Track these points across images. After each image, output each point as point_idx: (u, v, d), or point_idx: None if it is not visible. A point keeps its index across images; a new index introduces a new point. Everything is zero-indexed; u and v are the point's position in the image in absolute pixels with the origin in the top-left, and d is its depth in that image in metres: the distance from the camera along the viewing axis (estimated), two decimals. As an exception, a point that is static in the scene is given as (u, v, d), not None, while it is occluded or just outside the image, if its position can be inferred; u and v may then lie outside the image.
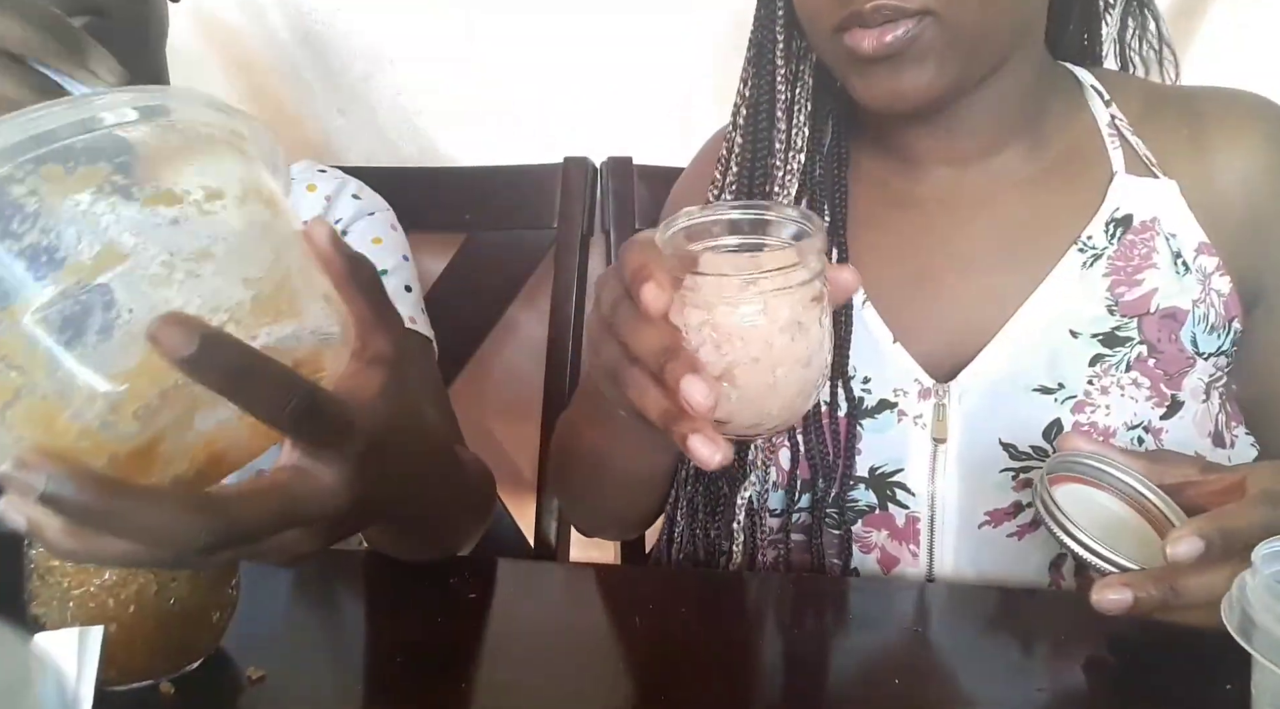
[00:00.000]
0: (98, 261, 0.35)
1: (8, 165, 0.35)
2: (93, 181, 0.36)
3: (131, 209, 0.36)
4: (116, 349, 0.35)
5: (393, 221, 0.96)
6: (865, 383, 0.76)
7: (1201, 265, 0.74)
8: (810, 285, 0.52)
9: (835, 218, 0.80)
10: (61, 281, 0.35)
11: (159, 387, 0.36)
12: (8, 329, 0.35)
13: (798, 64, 0.80)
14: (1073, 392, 0.72)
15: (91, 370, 0.35)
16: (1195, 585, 0.53)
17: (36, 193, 0.35)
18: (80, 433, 0.36)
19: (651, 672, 0.59)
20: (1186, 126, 0.76)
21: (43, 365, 0.35)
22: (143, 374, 0.35)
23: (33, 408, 0.35)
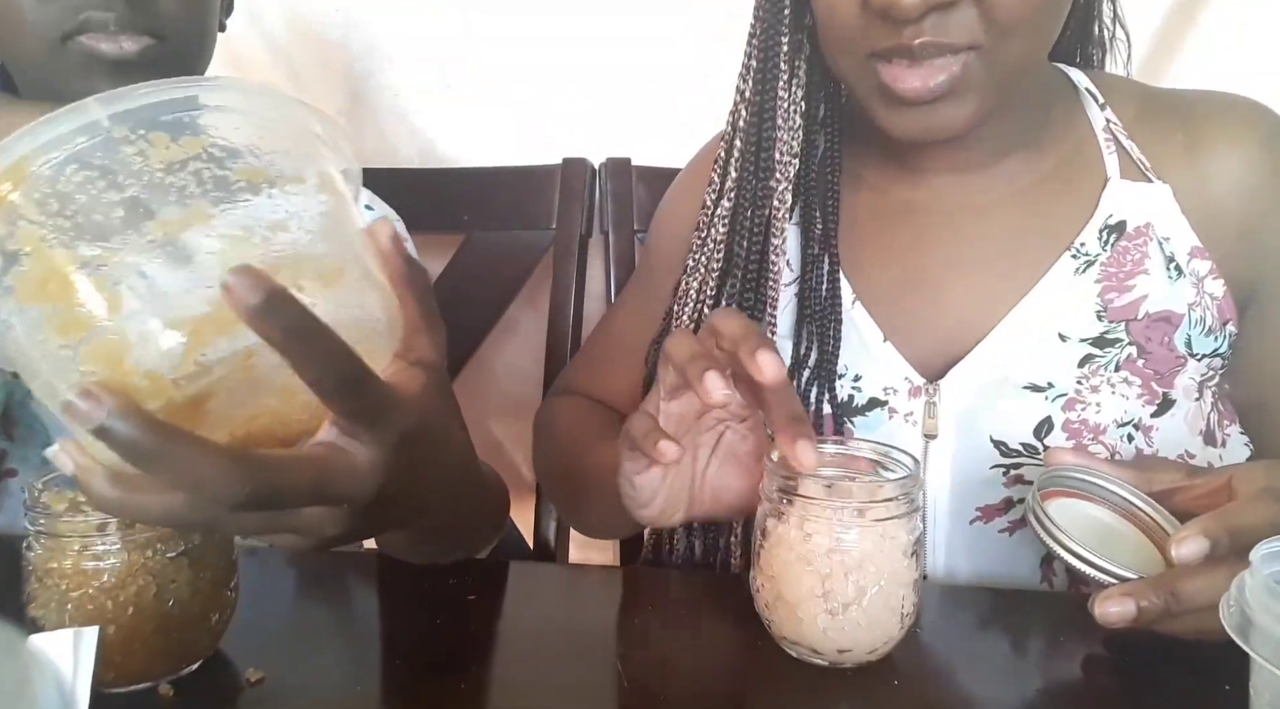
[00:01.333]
0: (185, 219, 0.39)
1: (123, 128, 0.39)
2: (193, 150, 0.40)
3: (222, 176, 0.41)
4: (189, 298, 0.39)
5: (402, 232, 0.96)
6: (856, 381, 0.77)
7: (1195, 269, 0.74)
8: (917, 514, 0.57)
9: (826, 225, 0.80)
10: (150, 233, 0.39)
11: (222, 337, 0.39)
12: (94, 271, 0.38)
13: (794, 64, 0.80)
14: (1063, 390, 0.73)
15: (162, 315, 0.39)
16: (1197, 588, 0.53)
17: (144, 154, 0.39)
18: (142, 375, 0.39)
19: (651, 672, 0.59)
20: (1180, 131, 0.76)
21: (120, 306, 0.38)
22: (208, 324, 0.39)
23: (102, 345, 0.38)
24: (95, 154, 0.39)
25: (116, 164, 0.39)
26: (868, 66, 0.68)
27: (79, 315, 0.39)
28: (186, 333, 0.39)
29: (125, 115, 0.39)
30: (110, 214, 0.39)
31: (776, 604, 0.57)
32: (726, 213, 0.80)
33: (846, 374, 0.77)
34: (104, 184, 0.39)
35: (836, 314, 0.77)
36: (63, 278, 0.39)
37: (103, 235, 0.39)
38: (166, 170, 0.40)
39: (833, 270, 0.79)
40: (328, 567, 0.74)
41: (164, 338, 0.39)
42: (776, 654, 0.59)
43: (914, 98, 0.66)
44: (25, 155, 0.38)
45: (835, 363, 0.77)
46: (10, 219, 0.39)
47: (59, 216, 0.39)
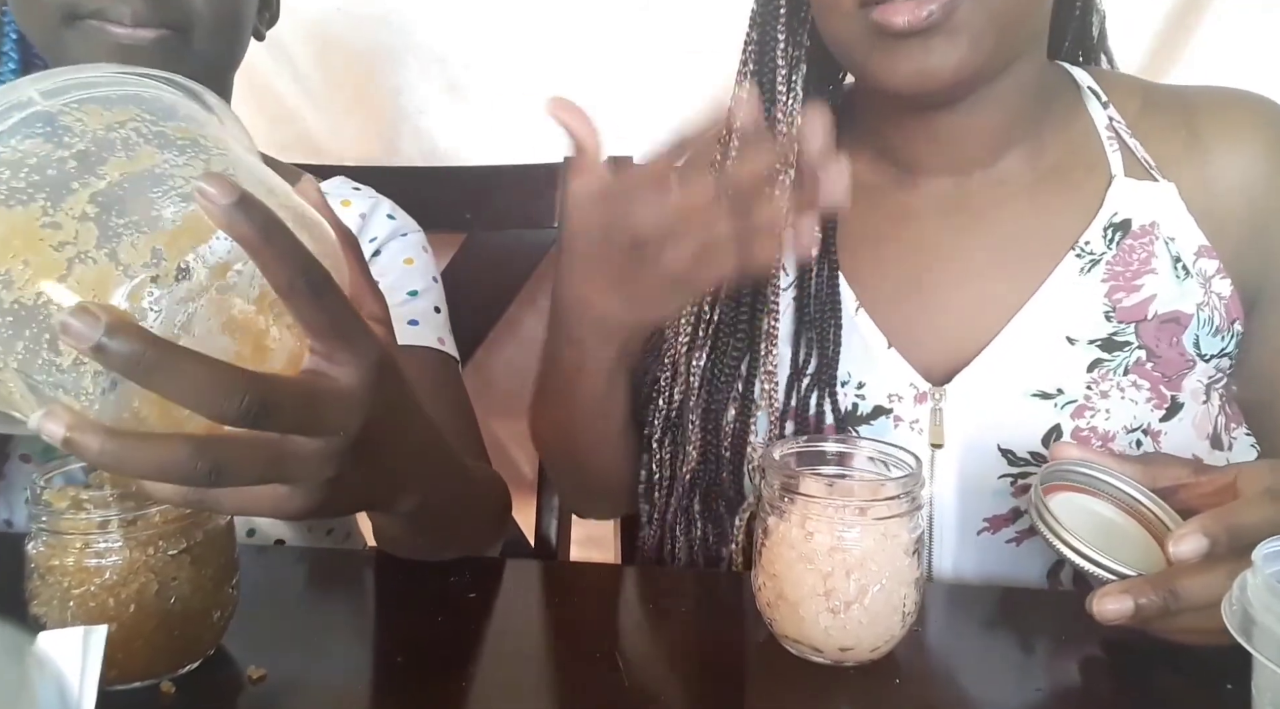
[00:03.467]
0: (135, 160, 0.42)
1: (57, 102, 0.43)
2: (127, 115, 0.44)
3: (160, 131, 0.44)
4: (158, 220, 0.41)
5: (424, 243, 0.96)
6: (859, 389, 0.76)
7: (1202, 268, 0.73)
8: (919, 512, 0.57)
9: (825, 232, 0.79)
10: (106, 176, 0.41)
11: (200, 245, 0.41)
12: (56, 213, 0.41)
13: (791, 72, 0.79)
14: (1072, 397, 0.72)
15: (135, 234, 0.41)
16: (1196, 586, 0.53)
17: (82, 122, 0.43)
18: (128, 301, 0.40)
19: (651, 672, 0.59)
20: (1184, 127, 0.76)
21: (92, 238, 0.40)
22: (183, 235, 0.41)
23: (87, 273, 0.40)
24: (36, 125, 0.42)
25: (59, 130, 0.42)
26: (860, 16, 0.68)
27: (53, 258, 0.40)
28: (164, 244, 0.41)
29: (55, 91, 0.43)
30: (63, 167, 0.41)
31: (778, 603, 0.57)
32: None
33: (850, 382, 0.76)
34: (50, 146, 0.41)
35: (836, 319, 0.77)
36: (28, 230, 0.40)
37: (60, 184, 0.41)
38: (107, 129, 0.43)
39: (832, 276, 0.78)
40: (329, 565, 0.74)
41: (142, 250, 0.40)
42: (777, 653, 0.59)
43: (907, 29, 0.65)
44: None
45: (836, 368, 0.76)
46: None
47: (11, 182, 0.41)
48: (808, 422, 0.76)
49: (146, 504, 0.52)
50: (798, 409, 0.77)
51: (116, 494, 0.53)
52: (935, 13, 0.65)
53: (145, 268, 0.40)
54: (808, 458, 0.61)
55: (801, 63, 0.79)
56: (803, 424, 0.76)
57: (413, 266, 0.93)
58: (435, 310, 0.92)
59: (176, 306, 0.41)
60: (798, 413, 0.77)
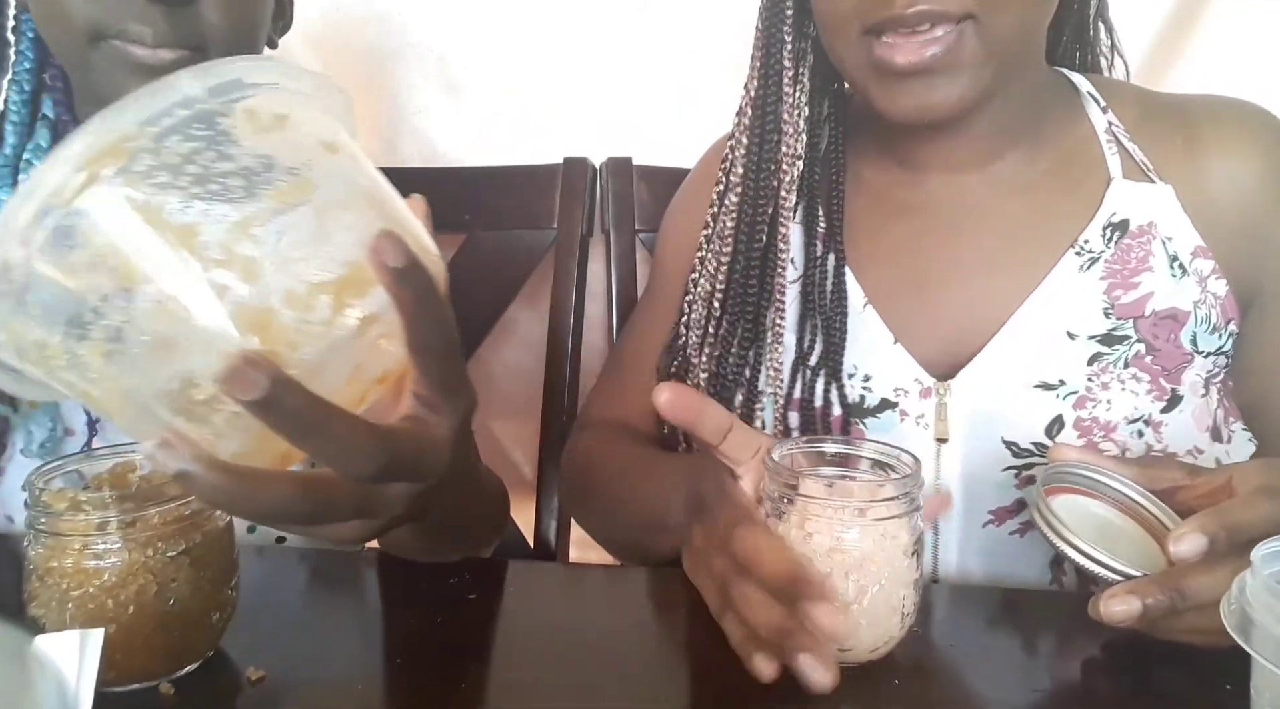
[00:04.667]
0: (297, 189, 0.40)
1: (216, 102, 0.40)
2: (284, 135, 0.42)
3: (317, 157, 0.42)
4: (324, 262, 0.40)
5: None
6: (866, 381, 0.77)
7: (1198, 268, 0.74)
8: (918, 513, 0.56)
9: (832, 224, 0.80)
10: (267, 200, 0.39)
11: (359, 299, 0.41)
12: (228, 244, 0.39)
13: (798, 66, 0.80)
14: (1073, 388, 0.73)
15: (302, 278, 0.39)
16: (1200, 585, 0.53)
17: (238, 127, 0.40)
18: (285, 332, 0.39)
19: (651, 672, 0.59)
20: (1181, 133, 0.77)
21: (258, 273, 0.39)
22: (347, 285, 0.40)
23: (245, 313, 0.39)
24: (195, 126, 0.39)
25: (217, 133, 0.39)
26: (863, 44, 0.69)
27: (211, 280, 0.38)
28: (330, 294, 0.40)
29: (218, 89, 0.40)
30: (227, 184, 0.39)
31: None
32: (733, 207, 0.81)
33: (856, 374, 0.77)
34: (210, 152, 0.39)
35: (842, 310, 0.77)
36: (186, 244, 0.38)
37: (223, 204, 0.39)
38: (262, 133, 0.41)
39: (838, 268, 0.79)
40: (329, 565, 0.74)
41: (305, 296, 0.39)
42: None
43: (909, 69, 0.66)
44: (124, 129, 0.38)
45: (842, 356, 0.77)
46: (113, 191, 0.38)
47: (171, 188, 0.38)
48: (814, 410, 0.77)
49: (145, 506, 0.52)
50: (803, 398, 0.77)
51: (115, 496, 0.53)
52: (938, 54, 0.66)
53: (309, 320, 0.40)
54: (807, 459, 0.61)
55: (808, 53, 0.80)
56: (809, 413, 0.77)
57: None
58: None
59: (323, 354, 0.41)
60: (803, 402, 0.77)
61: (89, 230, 0.38)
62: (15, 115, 0.81)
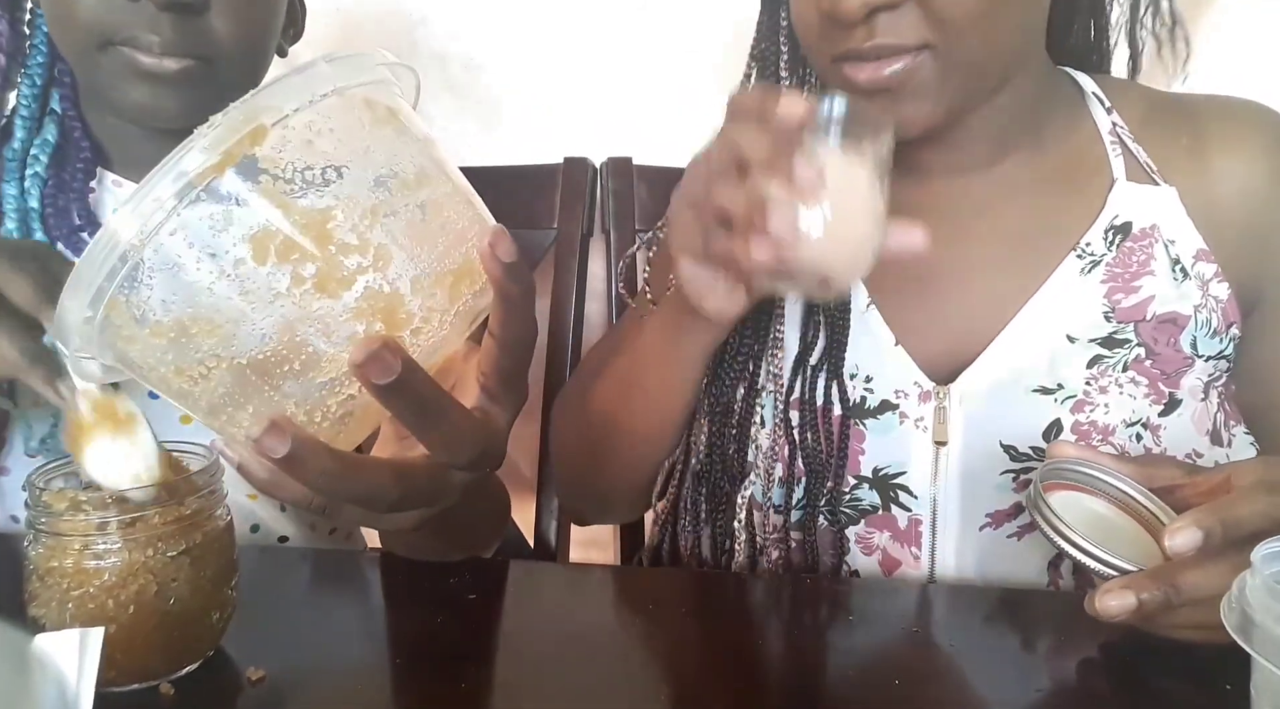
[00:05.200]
0: (419, 180, 0.42)
1: (349, 96, 0.41)
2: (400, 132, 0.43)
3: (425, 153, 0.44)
4: (443, 256, 0.42)
5: None
6: (868, 382, 0.77)
7: (1200, 271, 0.74)
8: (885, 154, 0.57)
9: None
10: (398, 194, 0.41)
11: (469, 292, 0.43)
12: (362, 230, 0.40)
13: (802, 70, 0.80)
14: (1072, 392, 0.73)
15: (424, 273, 0.41)
16: (1196, 580, 0.53)
17: (366, 117, 0.42)
18: (410, 319, 0.41)
19: (651, 672, 0.59)
20: (1186, 134, 0.77)
21: (390, 262, 0.40)
22: (462, 278, 0.42)
23: (378, 301, 0.40)
24: (331, 116, 0.40)
25: (353, 125, 0.41)
26: (834, 69, 0.69)
27: (340, 266, 0.39)
28: (447, 287, 0.41)
29: (347, 74, 0.41)
30: (363, 174, 0.40)
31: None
32: None
33: (858, 375, 0.77)
34: (346, 134, 0.40)
35: (844, 310, 0.77)
36: (320, 230, 0.39)
37: (355, 193, 0.40)
38: (381, 124, 0.42)
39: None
40: (330, 565, 0.74)
41: (429, 288, 0.41)
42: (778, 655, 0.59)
43: (869, 86, 0.67)
44: (263, 108, 0.39)
45: (843, 356, 0.77)
46: (249, 174, 0.38)
47: (305, 173, 0.39)
48: (815, 409, 0.77)
49: (145, 506, 0.52)
50: (803, 397, 0.77)
51: (115, 496, 0.53)
52: (897, 73, 0.66)
53: (431, 308, 0.41)
54: None
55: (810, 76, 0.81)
56: (809, 411, 0.77)
57: None
58: None
59: (438, 343, 0.43)
60: (803, 401, 0.77)
61: (225, 211, 0.39)
62: (25, 110, 0.81)
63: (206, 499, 0.55)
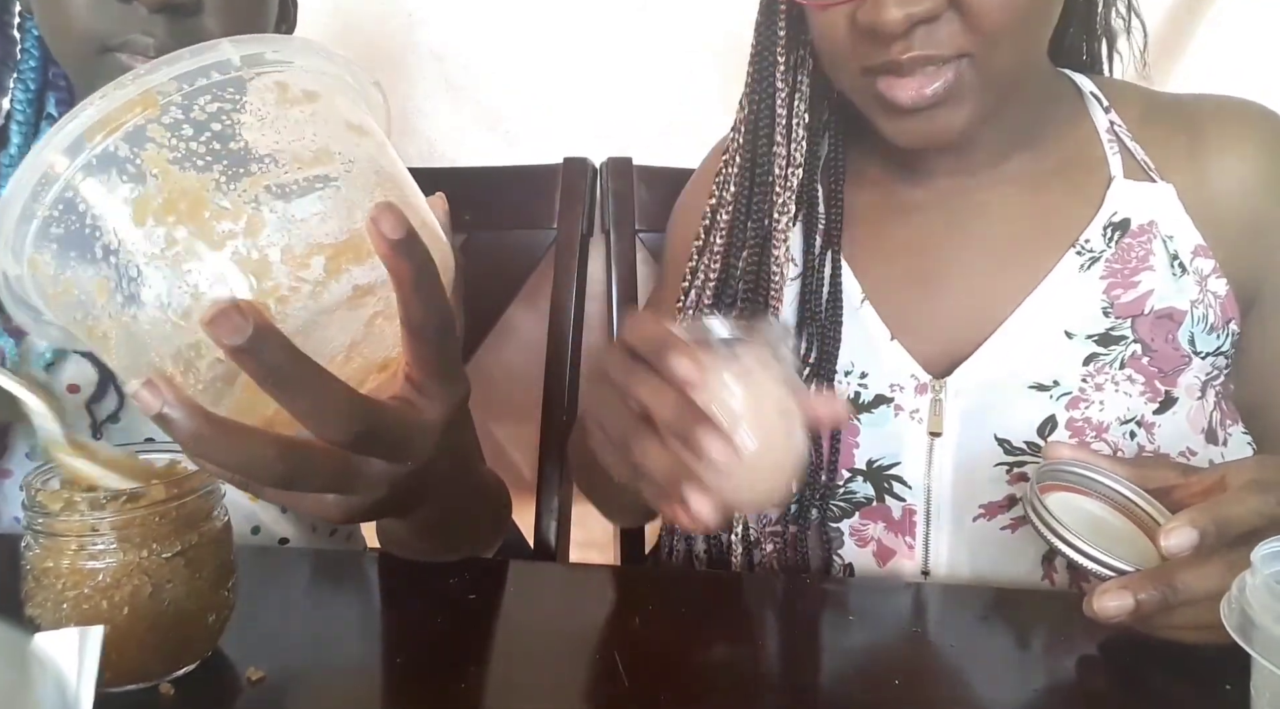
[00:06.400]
0: (316, 161, 0.42)
1: (251, 70, 0.42)
2: (315, 106, 0.43)
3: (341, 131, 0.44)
4: (324, 226, 0.41)
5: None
6: (863, 378, 0.77)
7: (1198, 267, 0.74)
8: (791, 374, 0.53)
9: (832, 231, 0.81)
10: (285, 167, 0.41)
11: (355, 266, 0.41)
12: (229, 193, 0.40)
13: (795, 77, 0.80)
14: (1067, 388, 0.73)
15: (302, 239, 0.41)
16: (1193, 579, 0.53)
17: (269, 99, 0.42)
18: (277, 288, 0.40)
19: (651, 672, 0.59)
20: (1184, 133, 0.77)
21: (260, 228, 0.40)
22: (346, 251, 0.41)
23: (243, 263, 0.40)
24: (227, 90, 0.41)
25: (247, 101, 0.41)
26: (863, 81, 0.69)
27: (214, 235, 0.40)
28: (326, 256, 0.40)
29: (253, 59, 0.42)
30: (251, 148, 0.41)
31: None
32: (725, 224, 0.81)
33: (853, 371, 0.77)
34: (236, 114, 0.41)
35: (837, 315, 0.78)
36: (196, 198, 0.40)
37: (240, 162, 0.40)
38: (290, 105, 0.42)
39: (835, 269, 0.79)
40: (329, 565, 0.74)
41: (302, 256, 0.40)
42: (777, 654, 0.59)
43: (911, 106, 0.67)
44: (157, 84, 0.40)
45: (835, 362, 0.77)
46: (136, 140, 0.40)
47: (191, 143, 0.40)
48: None
49: (140, 507, 0.52)
50: None
51: (111, 496, 0.53)
52: (939, 90, 0.66)
53: (303, 278, 0.41)
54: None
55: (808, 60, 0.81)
56: None
57: None
58: None
59: (315, 317, 0.41)
60: None
61: (110, 176, 0.40)
62: (20, 114, 0.81)
63: (203, 500, 0.55)
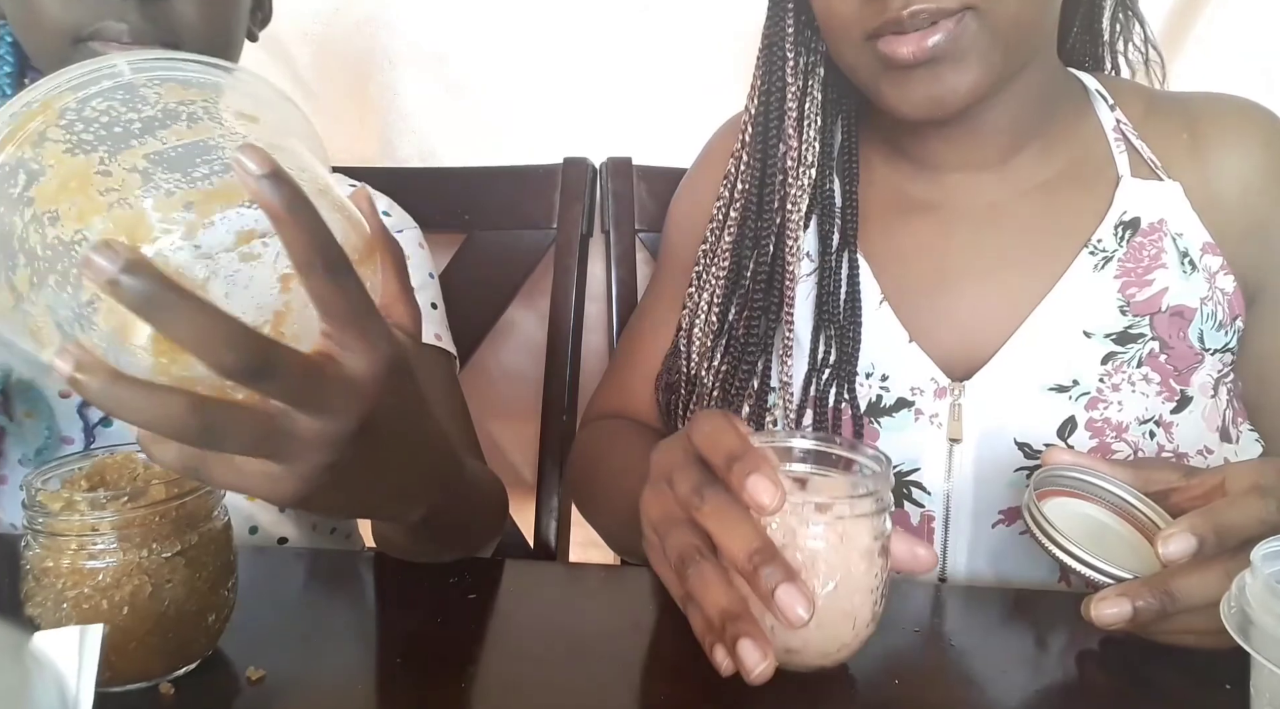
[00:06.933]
0: (193, 132, 0.45)
1: (142, 76, 0.46)
2: (200, 95, 0.47)
3: (225, 112, 0.47)
4: (196, 179, 0.43)
5: (420, 240, 0.97)
6: (884, 380, 0.77)
7: (1207, 264, 0.75)
8: (884, 515, 0.54)
9: (846, 229, 0.81)
10: (166, 139, 0.44)
11: (227, 208, 0.43)
12: (112, 163, 0.43)
13: (806, 79, 0.80)
14: (1086, 389, 0.73)
15: (173, 191, 0.43)
16: (1191, 586, 0.53)
17: (160, 94, 0.45)
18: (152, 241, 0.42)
19: (651, 672, 0.59)
20: (1186, 132, 0.77)
21: (136, 188, 0.43)
22: (215, 196, 0.43)
23: (122, 216, 0.42)
24: (117, 93, 0.45)
25: (136, 98, 0.45)
26: (867, 48, 0.69)
27: (98, 202, 0.42)
28: (196, 200, 0.43)
29: (145, 64, 0.46)
30: (129, 127, 0.44)
31: None
32: (735, 222, 0.81)
33: (874, 373, 0.77)
34: (124, 109, 0.44)
35: (856, 315, 0.77)
36: (83, 175, 0.42)
37: (121, 141, 0.43)
38: (179, 103, 0.45)
39: (853, 268, 0.79)
40: (329, 565, 0.74)
41: (175, 202, 0.42)
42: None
43: (914, 58, 0.67)
44: (56, 93, 0.44)
45: (855, 364, 0.77)
46: (37, 143, 0.43)
47: (82, 134, 0.43)
48: (826, 413, 0.77)
49: (140, 507, 0.52)
50: (817, 400, 0.77)
51: (111, 496, 0.53)
52: (940, 43, 0.66)
53: (174, 220, 0.42)
54: (778, 455, 0.58)
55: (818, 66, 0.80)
56: (822, 415, 0.77)
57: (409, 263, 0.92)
58: (432, 306, 0.92)
59: (197, 261, 0.42)
60: (817, 403, 0.77)
61: (14, 168, 0.43)
62: None
63: (203, 500, 0.55)
